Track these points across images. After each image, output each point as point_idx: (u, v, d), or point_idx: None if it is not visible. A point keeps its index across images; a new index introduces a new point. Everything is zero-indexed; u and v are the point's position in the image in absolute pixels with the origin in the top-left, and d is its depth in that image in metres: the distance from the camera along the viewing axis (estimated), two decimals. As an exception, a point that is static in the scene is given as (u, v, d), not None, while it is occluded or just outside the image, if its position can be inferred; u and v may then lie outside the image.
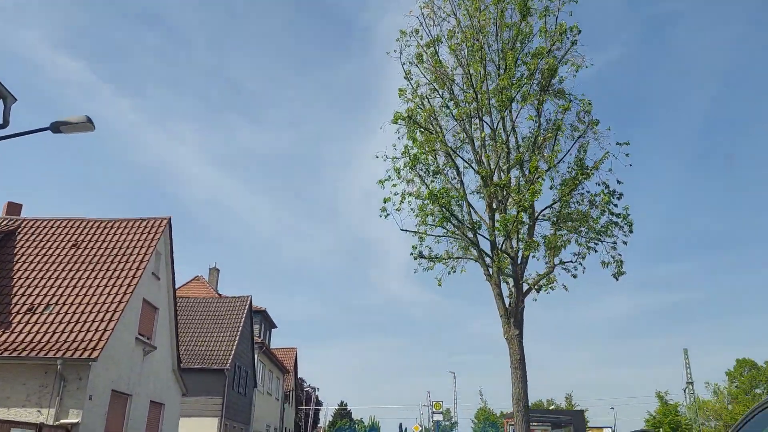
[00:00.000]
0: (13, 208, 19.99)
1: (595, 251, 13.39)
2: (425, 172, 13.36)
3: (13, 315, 15.18)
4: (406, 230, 14.12)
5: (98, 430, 14.35)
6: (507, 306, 13.37)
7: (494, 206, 13.08)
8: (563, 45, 13.60)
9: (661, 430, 47.34)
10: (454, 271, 15.32)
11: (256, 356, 33.05)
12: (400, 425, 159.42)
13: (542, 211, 13.23)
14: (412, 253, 14.28)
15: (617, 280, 12.70)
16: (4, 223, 18.57)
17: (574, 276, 13.20)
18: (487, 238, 13.67)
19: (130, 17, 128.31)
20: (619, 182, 12.52)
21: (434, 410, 30.60)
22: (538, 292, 12.90)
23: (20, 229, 18.50)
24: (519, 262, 12.95)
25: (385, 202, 13.61)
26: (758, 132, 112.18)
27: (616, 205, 12.66)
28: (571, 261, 13.31)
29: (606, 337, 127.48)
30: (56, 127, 10.52)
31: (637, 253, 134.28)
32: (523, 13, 13.66)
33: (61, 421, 13.15)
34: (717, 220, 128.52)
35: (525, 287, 13.19)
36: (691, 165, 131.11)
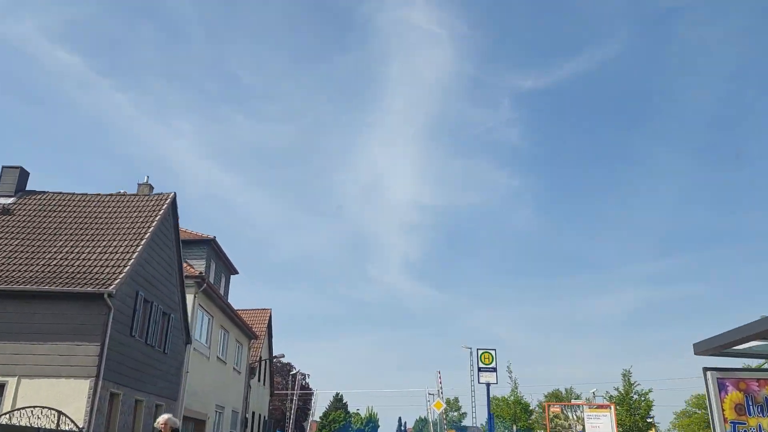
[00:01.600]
0: None
1: None
2: None
3: None
4: None
5: None
6: None
7: None
8: None
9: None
10: None
11: (195, 299, 21.63)
12: (400, 419, 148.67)
13: None
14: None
15: None
16: None
17: None
18: None
19: (127, 10, 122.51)
20: None
21: (483, 366, 18.99)
22: None
23: None
24: None
25: None
26: (764, 126, 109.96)
27: None
28: None
29: (608, 332, 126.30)
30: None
31: (640, 247, 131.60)
32: None
33: None
34: (721, 214, 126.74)
35: None
36: (696, 158, 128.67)
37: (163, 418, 7.16)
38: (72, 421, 13.05)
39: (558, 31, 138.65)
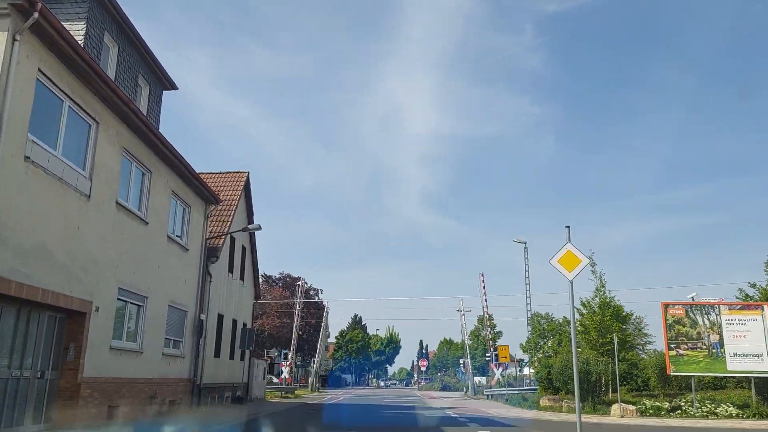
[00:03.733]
0: None
1: None
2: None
3: None
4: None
5: None
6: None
7: None
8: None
9: None
10: None
11: (13, 47, 9.77)
12: (421, 342, 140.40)
13: None
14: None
15: None
16: None
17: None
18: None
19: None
20: None
21: None
22: None
23: None
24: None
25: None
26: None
27: None
28: None
29: (629, 260, 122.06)
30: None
31: (663, 176, 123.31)
32: None
33: None
34: (735, 141, 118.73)
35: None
36: (710, 83, 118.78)
37: None
38: None
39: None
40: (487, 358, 43.78)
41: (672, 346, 22.29)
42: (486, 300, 40.49)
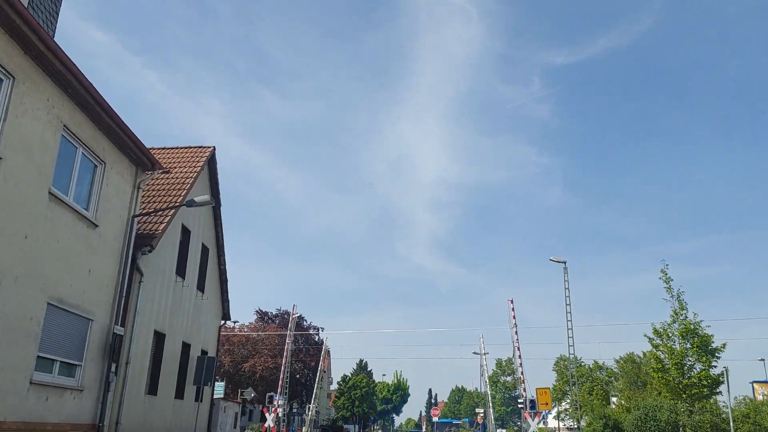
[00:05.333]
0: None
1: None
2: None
3: None
4: None
5: None
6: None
7: None
8: None
9: None
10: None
11: None
12: (430, 391, 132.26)
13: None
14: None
15: None
16: None
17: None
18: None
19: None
20: None
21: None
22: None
23: None
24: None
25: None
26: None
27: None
28: None
29: (638, 311, 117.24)
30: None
31: (672, 226, 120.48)
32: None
33: None
34: (755, 193, 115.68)
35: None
36: (730, 135, 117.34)
37: None
38: None
39: (591, 6, 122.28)
40: (520, 406, 36.37)
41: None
42: (517, 332, 33.48)
